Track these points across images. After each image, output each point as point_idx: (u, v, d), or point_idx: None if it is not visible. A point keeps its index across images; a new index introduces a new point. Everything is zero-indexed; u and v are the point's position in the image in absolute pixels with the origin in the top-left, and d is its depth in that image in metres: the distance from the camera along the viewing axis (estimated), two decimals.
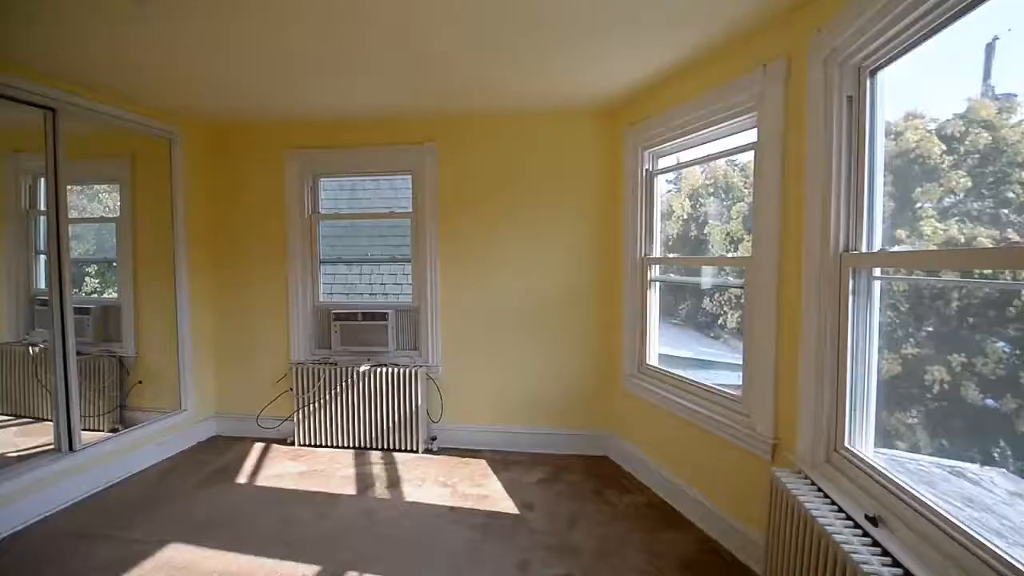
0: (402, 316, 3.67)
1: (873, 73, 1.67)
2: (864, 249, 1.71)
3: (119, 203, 3.71)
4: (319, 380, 3.52)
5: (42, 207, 3.62)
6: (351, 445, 3.51)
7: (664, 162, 3.00)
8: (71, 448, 2.78)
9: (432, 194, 3.48)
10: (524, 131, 3.36)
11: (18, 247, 3.67)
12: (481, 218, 3.45)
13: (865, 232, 1.71)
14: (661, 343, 3.12)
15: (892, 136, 1.83)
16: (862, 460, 1.63)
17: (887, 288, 1.79)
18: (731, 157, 3.19)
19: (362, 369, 3.47)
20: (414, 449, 3.44)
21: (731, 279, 3.09)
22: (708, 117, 2.42)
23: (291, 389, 3.59)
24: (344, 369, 3.49)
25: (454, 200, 3.47)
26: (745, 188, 3.66)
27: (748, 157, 2.79)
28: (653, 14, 1.96)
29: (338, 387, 3.49)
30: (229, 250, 3.77)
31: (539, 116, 3.31)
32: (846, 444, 1.72)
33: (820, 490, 1.69)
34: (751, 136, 2.29)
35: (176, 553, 2.28)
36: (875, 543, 1.37)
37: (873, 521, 1.44)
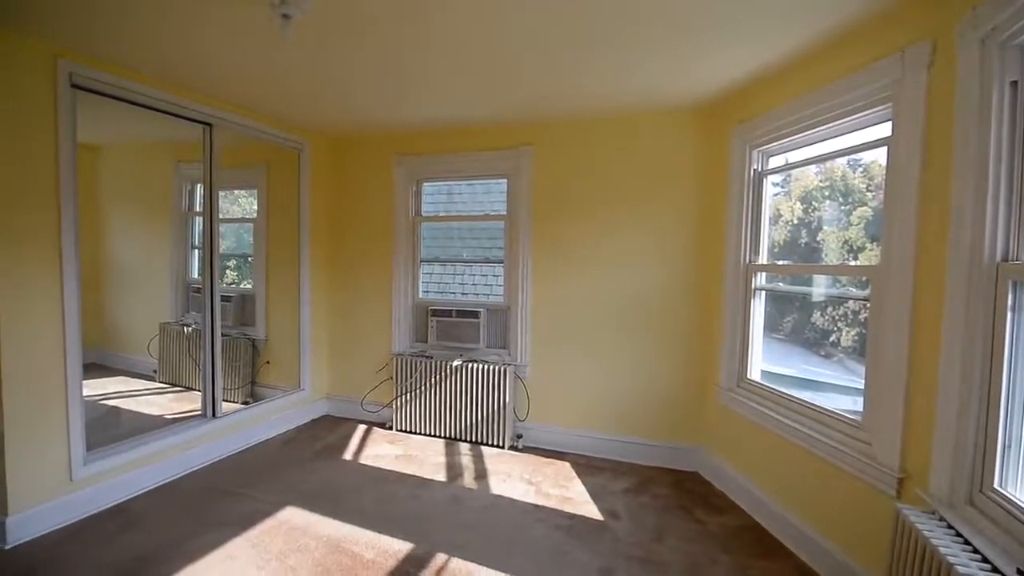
0: (493, 315, 3.78)
1: None
2: None
3: (255, 206, 4.25)
4: (416, 371, 3.75)
5: (198, 209, 4.26)
6: (442, 435, 3.69)
7: (775, 162, 2.79)
8: (214, 415, 3.24)
9: (526, 197, 3.55)
10: (620, 132, 3.31)
11: (179, 243, 4.35)
12: (575, 220, 3.45)
13: None
14: (762, 358, 2.90)
15: None
16: (1016, 505, 1.39)
17: None
18: (852, 156, 2.88)
19: (455, 364, 3.63)
20: (500, 445, 3.53)
21: (852, 291, 2.78)
22: (829, 112, 2.21)
23: (391, 378, 3.86)
24: (438, 362, 3.68)
25: (548, 203, 3.52)
26: (868, 191, 3.28)
27: (873, 156, 2.51)
28: (772, 2, 1.84)
29: (433, 379, 3.69)
30: (343, 249, 4.15)
31: (636, 116, 3.24)
32: (995, 485, 1.48)
33: (959, 535, 1.47)
34: (879, 131, 2.06)
35: (293, 515, 2.57)
36: None
37: None
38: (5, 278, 2.21)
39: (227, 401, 3.43)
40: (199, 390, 3.32)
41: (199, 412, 3.25)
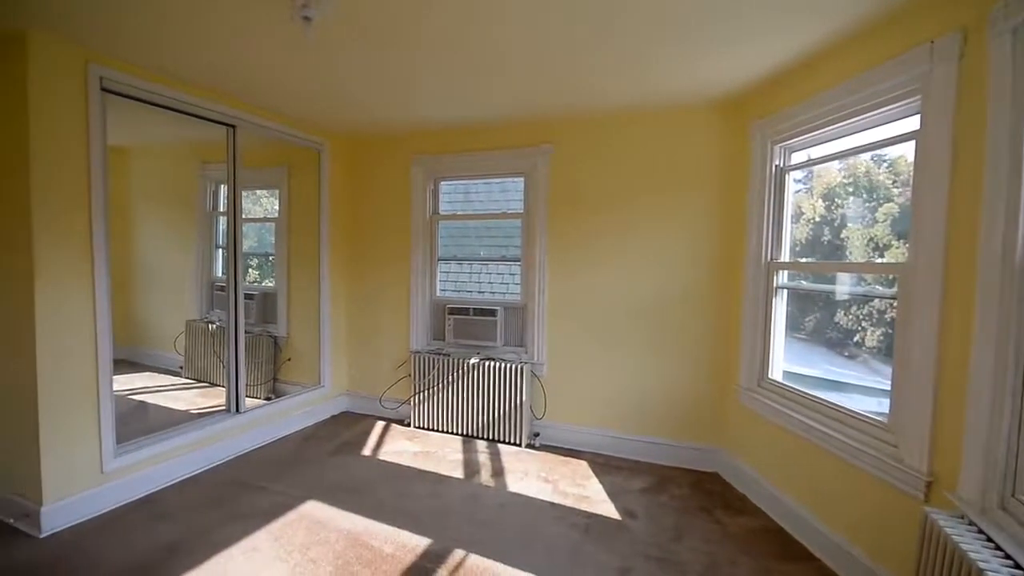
0: (510, 313, 3.79)
1: None
2: None
3: (276, 206, 4.33)
4: (433, 369, 3.78)
5: (222, 209, 4.36)
6: (459, 432, 3.72)
7: (797, 158, 2.74)
8: (238, 410, 3.32)
9: (544, 195, 3.55)
10: (639, 129, 3.28)
11: (204, 242, 4.46)
12: (592, 218, 3.44)
13: None
14: (784, 358, 2.85)
15: None
16: None
17: None
18: (877, 151, 2.81)
19: (472, 361, 3.65)
20: (517, 443, 3.54)
21: (878, 289, 2.71)
22: (854, 106, 2.16)
23: (409, 375, 3.90)
24: (456, 360, 3.71)
25: (565, 200, 3.51)
26: (894, 186, 3.20)
27: (898, 151, 2.45)
28: None
29: (450, 377, 3.72)
30: (362, 247, 4.21)
31: (655, 113, 3.21)
32: None
33: (991, 541, 1.43)
34: (906, 125, 2.00)
35: (314, 509, 2.61)
36: None
37: None
38: (42, 277, 2.30)
39: (250, 397, 3.51)
40: (223, 386, 3.40)
41: (223, 407, 3.33)
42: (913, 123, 1.94)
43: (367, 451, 3.42)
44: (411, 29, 2.13)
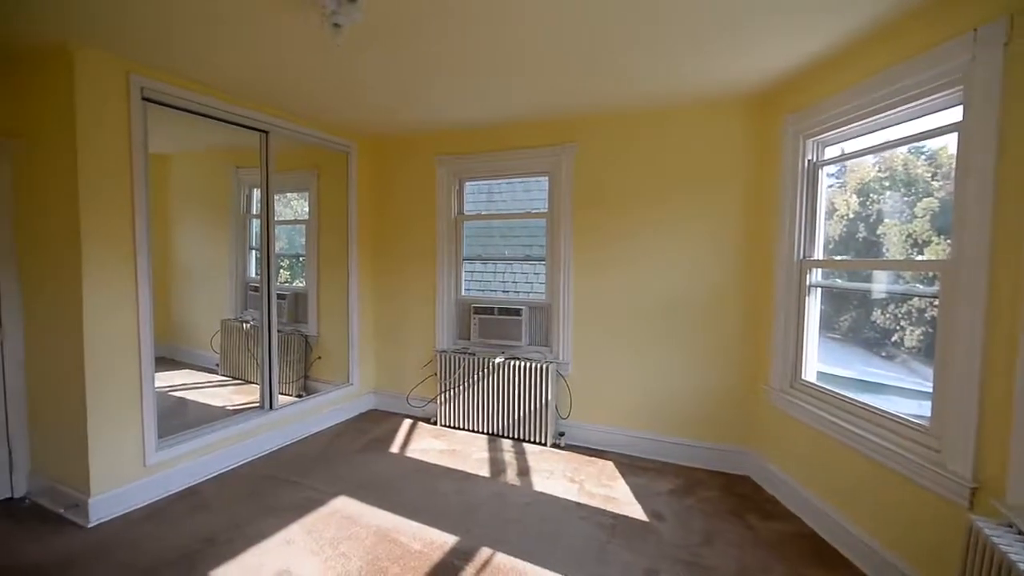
0: (535, 312, 3.79)
1: None
2: None
3: (306, 208, 4.44)
4: (459, 368, 3.81)
5: (255, 212, 4.50)
6: (485, 431, 3.74)
7: (830, 152, 2.65)
8: (271, 407, 3.42)
9: (568, 193, 3.53)
10: (665, 126, 3.23)
11: (238, 244, 4.60)
12: (618, 216, 3.41)
13: None
14: (818, 358, 2.76)
15: None
16: None
17: None
18: (916, 144, 2.70)
19: (497, 361, 3.67)
20: (542, 442, 3.54)
21: (918, 287, 2.61)
22: (891, 97, 2.08)
23: (435, 374, 3.95)
24: (481, 359, 3.73)
25: (590, 199, 3.49)
26: (934, 180, 3.06)
27: (939, 143, 2.35)
28: None
29: (475, 376, 3.75)
30: (389, 248, 4.28)
31: (681, 109, 3.16)
32: None
33: None
34: (948, 117, 1.92)
35: (344, 504, 2.68)
36: None
37: None
38: (90, 278, 2.42)
39: (282, 394, 3.61)
40: (257, 383, 3.51)
41: (257, 404, 3.44)
42: (955, 114, 1.86)
43: (395, 448, 3.48)
44: (440, 33, 2.16)
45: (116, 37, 2.27)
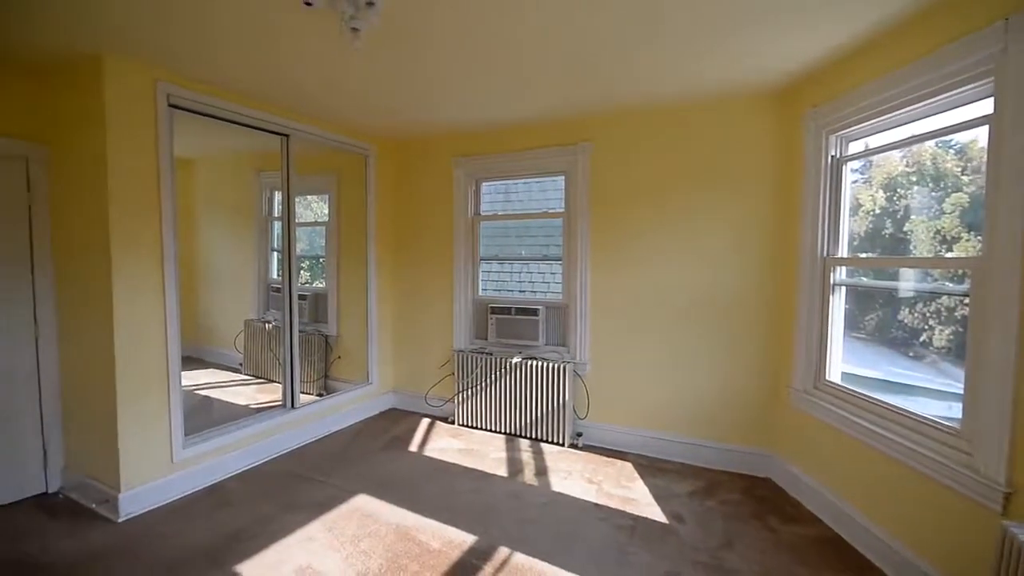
0: (552, 312, 3.79)
1: None
2: None
3: (326, 210, 4.51)
4: (476, 367, 3.83)
5: (276, 214, 4.59)
6: (502, 431, 3.75)
7: (854, 147, 2.59)
8: (293, 406, 3.48)
9: (584, 193, 3.52)
10: (683, 123, 3.20)
11: (260, 246, 4.70)
12: (635, 215, 3.38)
13: None
14: (842, 359, 2.70)
15: None
16: None
17: None
18: (944, 138, 2.61)
19: (514, 361, 3.67)
20: (560, 442, 3.53)
21: (947, 285, 2.53)
22: (918, 90, 2.03)
23: (453, 374, 3.97)
24: (498, 359, 3.74)
25: (606, 197, 3.47)
26: (964, 174, 2.96)
27: (969, 136, 2.28)
28: None
29: (493, 375, 3.76)
30: (406, 248, 4.32)
31: (700, 105, 3.12)
32: None
33: None
34: (978, 109, 1.86)
35: (364, 502, 2.71)
36: None
37: None
38: (119, 278, 2.50)
39: (304, 393, 3.68)
40: (279, 382, 3.58)
41: (280, 403, 3.51)
42: (986, 106, 1.80)
43: (413, 447, 3.51)
44: (456, 36, 2.17)
45: (145, 47, 2.34)
